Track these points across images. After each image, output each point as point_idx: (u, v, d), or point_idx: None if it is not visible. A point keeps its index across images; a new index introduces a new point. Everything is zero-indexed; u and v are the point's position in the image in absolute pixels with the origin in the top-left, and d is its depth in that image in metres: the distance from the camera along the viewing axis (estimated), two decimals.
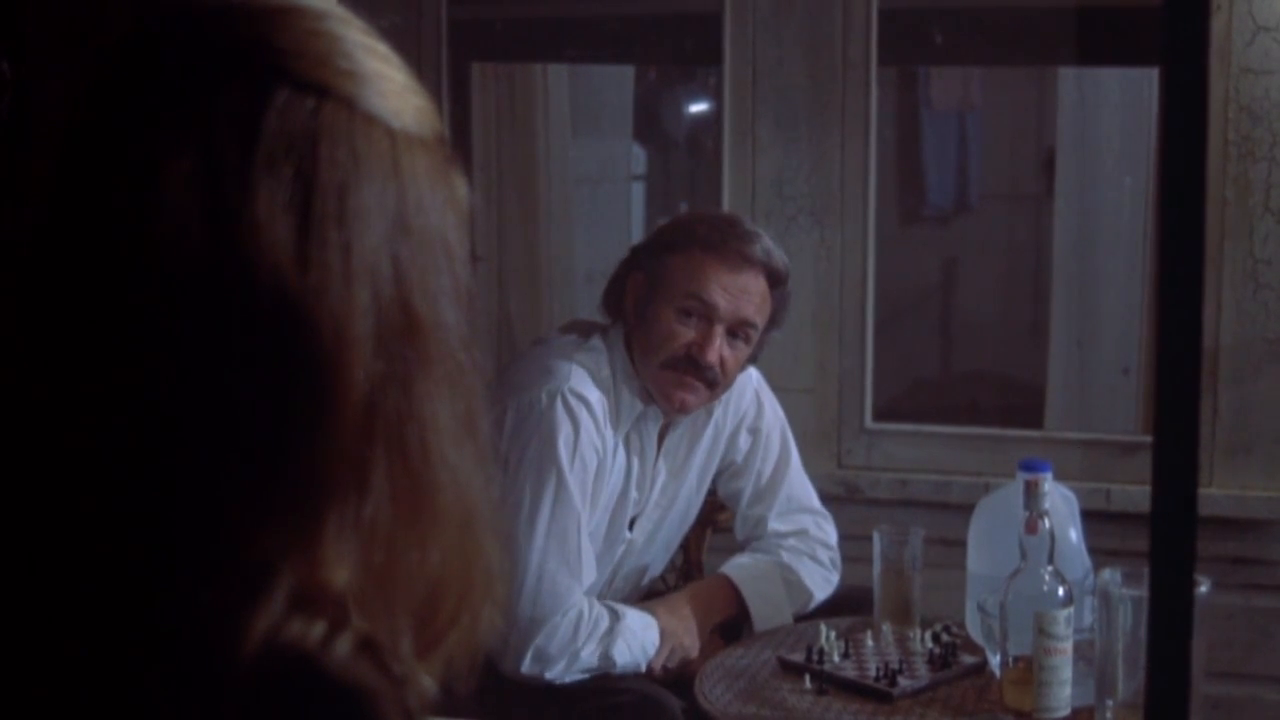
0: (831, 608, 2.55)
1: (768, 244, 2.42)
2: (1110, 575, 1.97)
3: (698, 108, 4.85)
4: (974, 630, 2.28)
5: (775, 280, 2.43)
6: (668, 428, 2.51)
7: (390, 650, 0.73)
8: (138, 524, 0.70)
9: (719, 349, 2.37)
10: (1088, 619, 2.08)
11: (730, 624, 2.52)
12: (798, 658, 2.28)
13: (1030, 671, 2.02)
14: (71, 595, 0.70)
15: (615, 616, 2.34)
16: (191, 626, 0.68)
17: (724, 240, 2.39)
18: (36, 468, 0.72)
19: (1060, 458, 2.65)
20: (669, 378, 2.39)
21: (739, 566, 2.55)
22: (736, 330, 2.39)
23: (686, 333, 2.37)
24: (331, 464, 0.71)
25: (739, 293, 2.38)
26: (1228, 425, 3.11)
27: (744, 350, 2.42)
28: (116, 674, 0.69)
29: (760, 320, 2.42)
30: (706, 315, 2.37)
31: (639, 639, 2.35)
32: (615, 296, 2.47)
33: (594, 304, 2.54)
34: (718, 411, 2.56)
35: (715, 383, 2.41)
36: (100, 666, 0.69)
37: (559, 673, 2.29)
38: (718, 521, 2.80)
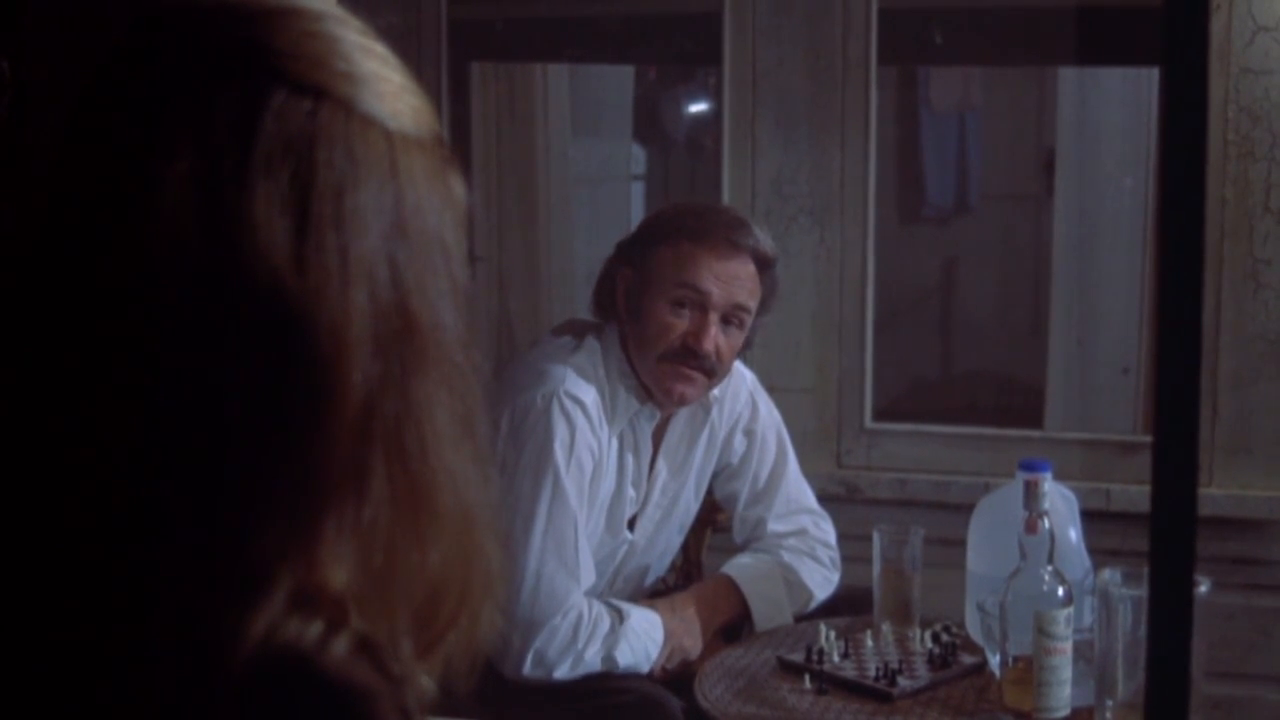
0: (831, 608, 2.55)
1: (753, 229, 2.43)
2: (1110, 575, 1.97)
3: (697, 108, 4.84)
4: (974, 630, 2.28)
5: (763, 264, 2.43)
6: (665, 425, 2.51)
7: (389, 651, 0.73)
8: (136, 525, 0.70)
9: (714, 337, 2.38)
10: (1088, 619, 2.08)
11: (730, 624, 2.52)
12: (797, 657, 2.28)
13: (1030, 671, 2.02)
14: (69, 596, 0.70)
15: (619, 617, 2.34)
16: (190, 626, 0.68)
17: (711, 228, 2.40)
18: (34, 469, 0.72)
19: (1060, 458, 2.65)
20: (667, 370, 2.39)
21: (741, 567, 2.55)
22: (730, 317, 2.40)
23: (681, 323, 2.38)
24: (330, 466, 0.71)
25: (730, 279, 2.38)
26: (1228, 425, 3.10)
27: (738, 336, 2.43)
28: (115, 674, 0.69)
29: (753, 304, 2.42)
30: (700, 304, 2.37)
31: (643, 640, 2.35)
32: (605, 295, 2.47)
33: None
34: (714, 411, 2.56)
35: (713, 371, 2.41)
36: (99, 666, 0.69)
37: (563, 673, 2.29)
38: (717, 521, 2.80)
